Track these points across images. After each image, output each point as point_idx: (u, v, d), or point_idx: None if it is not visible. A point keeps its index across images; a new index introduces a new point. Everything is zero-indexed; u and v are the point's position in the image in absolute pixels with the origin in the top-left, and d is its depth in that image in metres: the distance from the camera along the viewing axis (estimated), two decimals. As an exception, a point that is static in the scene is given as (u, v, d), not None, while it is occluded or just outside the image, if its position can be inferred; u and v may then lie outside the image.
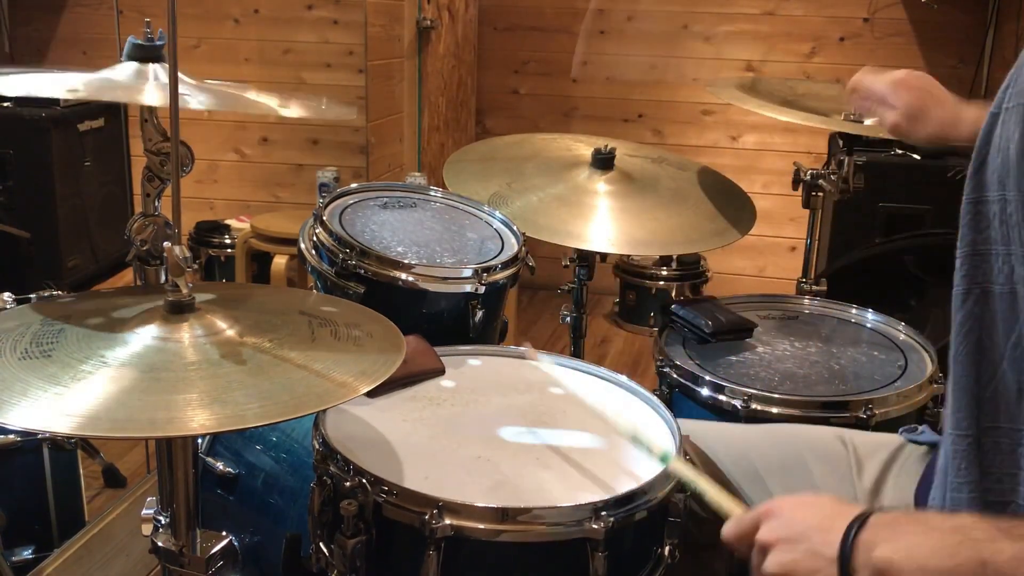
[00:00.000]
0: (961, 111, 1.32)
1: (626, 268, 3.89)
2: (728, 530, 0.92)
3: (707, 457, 1.24)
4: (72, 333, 0.96)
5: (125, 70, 1.21)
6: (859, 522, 0.83)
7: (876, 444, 1.23)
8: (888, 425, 1.42)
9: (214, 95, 1.24)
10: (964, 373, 0.85)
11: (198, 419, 0.83)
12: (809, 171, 1.93)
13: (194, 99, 1.16)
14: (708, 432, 1.28)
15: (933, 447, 1.20)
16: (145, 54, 1.21)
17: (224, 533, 1.06)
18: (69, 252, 2.80)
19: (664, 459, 1.06)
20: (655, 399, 1.25)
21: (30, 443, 1.80)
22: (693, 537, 1.18)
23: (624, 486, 1.03)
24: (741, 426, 1.35)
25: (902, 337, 1.69)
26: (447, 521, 0.95)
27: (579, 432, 1.18)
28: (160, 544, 1.04)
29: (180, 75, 1.13)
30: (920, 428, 1.24)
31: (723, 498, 0.96)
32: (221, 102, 1.26)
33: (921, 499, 0.98)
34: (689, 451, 1.15)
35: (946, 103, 1.36)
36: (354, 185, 1.74)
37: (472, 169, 1.87)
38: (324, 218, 1.56)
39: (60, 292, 1.68)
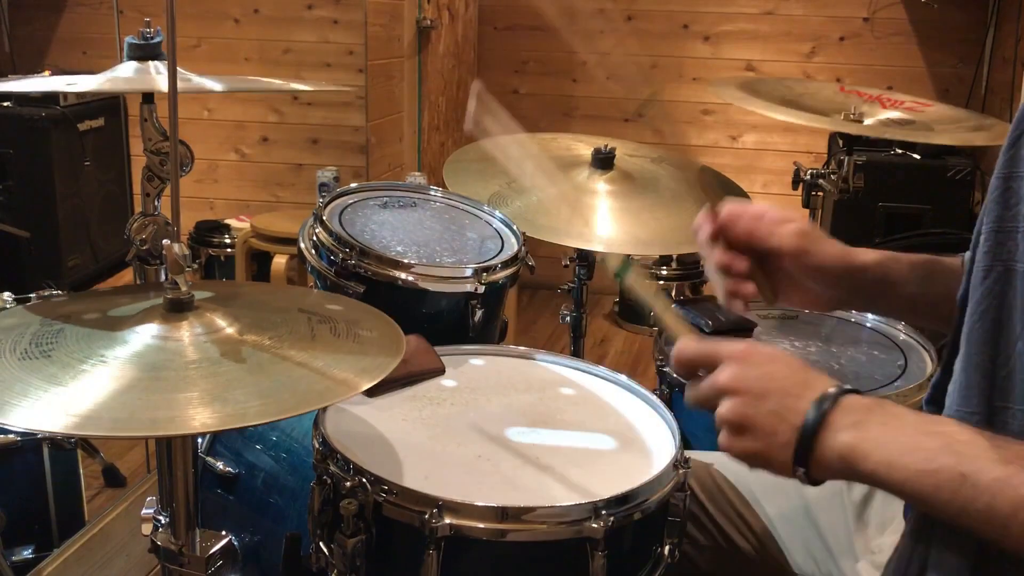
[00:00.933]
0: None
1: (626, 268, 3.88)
2: (685, 349, 0.89)
3: (712, 482, 1.23)
4: (72, 333, 0.96)
5: (126, 70, 1.21)
6: (832, 399, 0.80)
7: None
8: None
9: (227, 81, 1.24)
10: (978, 351, 0.82)
11: (199, 418, 0.83)
12: (809, 171, 1.94)
13: (207, 82, 1.16)
14: (701, 458, 1.27)
15: None
16: (144, 52, 1.21)
17: (224, 533, 1.06)
18: (69, 252, 2.80)
19: (620, 273, 1.03)
20: (655, 399, 1.25)
21: (30, 443, 1.80)
22: (692, 563, 1.18)
23: (624, 486, 1.03)
24: None
25: (902, 337, 1.69)
26: (447, 520, 0.95)
27: (579, 431, 1.18)
28: (160, 544, 1.04)
29: (184, 71, 1.14)
30: None
31: (674, 319, 0.95)
32: (233, 85, 1.26)
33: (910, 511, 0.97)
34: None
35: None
36: (354, 185, 1.74)
37: (472, 169, 1.87)
38: (324, 218, 1.56)
39: (60, 292, 1.68)
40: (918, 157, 3.05)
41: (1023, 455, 0.74)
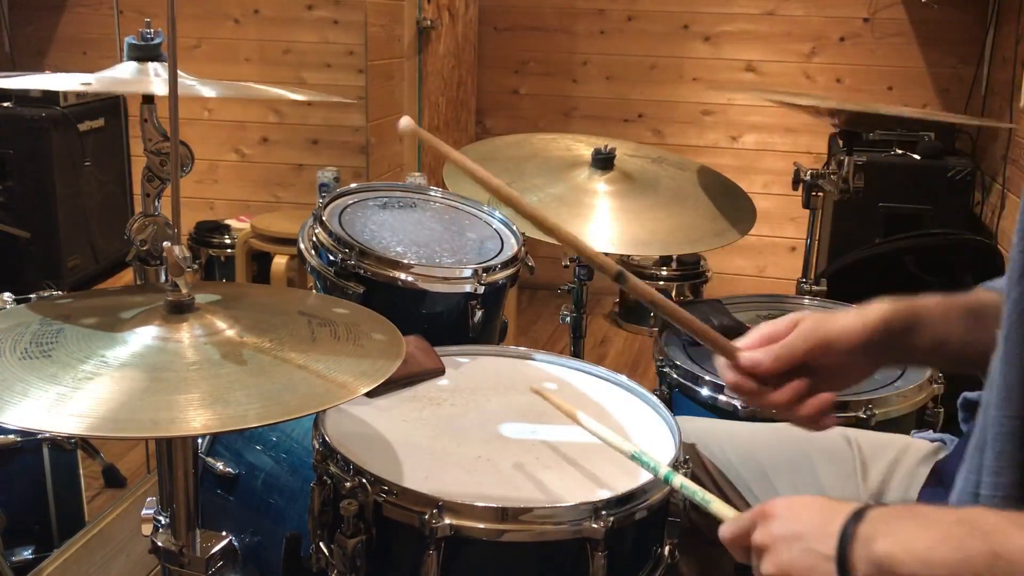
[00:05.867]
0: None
1: (626, 268, 3.88)
2: (725, 532, 0.91)
3: (712, 463, 1.23)
4: (72, 333, 0.96)
5: (125, 70, 1.21)
6: (856, 517, 0.81)
7: (882, 444, 1.23)
8: (888, 425, 1.43)
9: (221, 88, 1.24)
10: (1017, 352, 0.82)
11: (200, 419, 0.83)
12: (809, 171, 1.94)
13: (204, 89, 1.16)
14: (714, 431, 1.28)
15: (939, 449, 1.20)
16: (143, 53, 1.21)
17: (224, 533, 1.06)
18: (69, 252, 2.80)
19: (667, 479, 1.03)
20: (655, 399, 1.25)
21: (30, 443, 1.80)
22: (700, 532, 1.18)
23: (624, 485, 1.03)
24: (747, 424, 1.35)
25: (902, 337, 1.69)
26: (447, 521, 0.95)
27: (579, 431, 1.18)
28: (160, 544, 1.04)
29: (183, 73, 1.14)
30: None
31: (724, 507, 0.96)
32: (229, 92, 1.26)
33: (925, 501, 0.97)
34: (689, 455, 1.14)
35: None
36: (354, 185, 1.74)
37: (472, 169, 1.87)
38: (324, 218, 1.56)
39: (60, 292, 1.68)
40: (918, 157, 3.05)
41: None
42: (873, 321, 1.01)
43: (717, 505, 0.95)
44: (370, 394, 1.18)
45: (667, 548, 1.08)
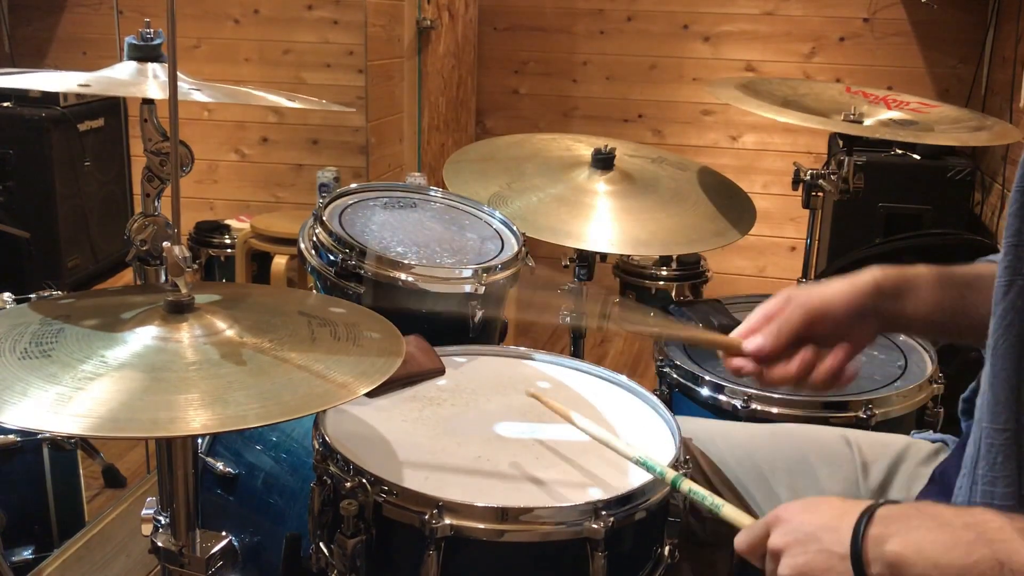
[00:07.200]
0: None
1: (626, 268, 3.88)
2: (740, 541, 0.91)
3: (708, 459, 1.24)
4: (71, 333, 0.96)
5: (124, 70, 1.21)
6: (867, 516, 0.81)
7: (882, 445, 1.23)
8: (888, 425, 1.43)
9: (218, 91, 1.24)
10: (1004, 366, 0.83)
11: (200, 419, 0.83)
12: (809, 171, 1.93)
13: (199, 93, 1.16)
14: (713, 432, 1.28)
15: (940, 450, 1.20)
16: (143, 54, 1.21)
17: (224, 533, 1.06)
18: (69, 252, 2.80)
19: (674, 483, 1.03)
20: (655, 399, 1.25)
21: (30, 443, 1.80)
22: (696, 534, 1.18)
23: (624, 485, 1.03)
24: (746, 425, 1.35)
25: (902, 337, 1.69)
26: (447, 521, 0.95)
27: (579, 431, 1.17)
28: (160, 544, 1.04)
29: (181, 74, 1.14)
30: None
31: (735, 511, 0.96)
32: (224, 96, 1.26)
33: (928, 497, 0.97)
34: (690, 454, 1.14)
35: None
36: (354, 185, 1.74)
37: (472, 169, 1.87)
38: (324, 218, 1.56)
39: (60, 292, 1.68)
40: (918, 157, 3.05)
41: None
42: (863, 285, 1.04)
43: (728, 510, 0.95)
44: (370, 394, 1.18)
45: (667, 548, 1.08)
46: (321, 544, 1.07)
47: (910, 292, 1.05)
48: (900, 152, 3.08)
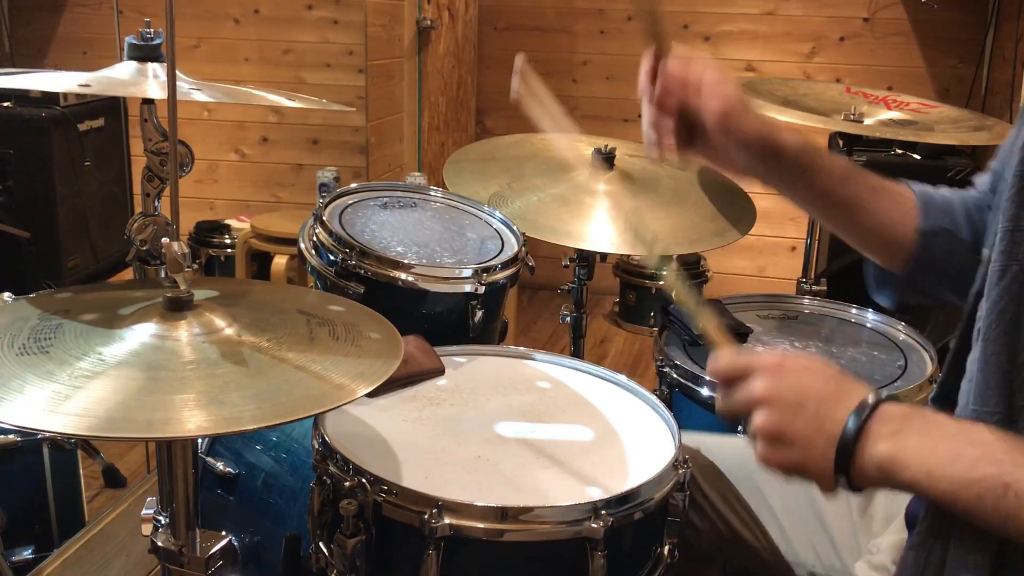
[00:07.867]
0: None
1: (626, 268, 3.89)
2: (720, 363, 0.88)
3: (716, 468, 1.23)
4: (70, 328, 0.95)
5: (124, 70, 1.21)
6: (870, 408, 0.79)
7: None
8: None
9: (217, 91, 1.24)
10: (996, 351, 0.82)
11: (195, 420, 0.82)
12: (809, 171, 1.93)
13: (199, 93, 1.16)
14: (709, 442, 1.27)
15: None
16: (143, 53, 1.21)
17: (224, 533, 1.06)
18: (69, 252, 2.80)
19: (661, 267, 1.01)
20: (655, 399, 1.25)
21: (30, 443, 1.80)
22: (690, 547, 1.18)
23: (623, 485, 1.03)
24: (740, 439, 1.34)
25: (902, 337, 1.69)
26: (447, 520, 0.95)
27: (578, 431, 1.18)
28: (160, 544, 1.04)
29: (181, 74, 1.14)
30: None
31: (715, 328, 0.93)
32: (224, 96, 1.25)
33: (913, 509, 0.97)
34: (692, 462, 1.13)
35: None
36: (354, 185, 1.74)
37: (472, 169, 1.87)
38: (324, 218, 1.56)
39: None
40: (918, 157, 3.05)
41: None
42: (777, 142, 1.07)
43: (707, 322, 0.92)
44: (370, 394, 1.17)
45: (666, 548, 1.08)
46: (321, 544, 1.07)
47: (813, 157, 1.09)
48: (900, 152, 3.08)
